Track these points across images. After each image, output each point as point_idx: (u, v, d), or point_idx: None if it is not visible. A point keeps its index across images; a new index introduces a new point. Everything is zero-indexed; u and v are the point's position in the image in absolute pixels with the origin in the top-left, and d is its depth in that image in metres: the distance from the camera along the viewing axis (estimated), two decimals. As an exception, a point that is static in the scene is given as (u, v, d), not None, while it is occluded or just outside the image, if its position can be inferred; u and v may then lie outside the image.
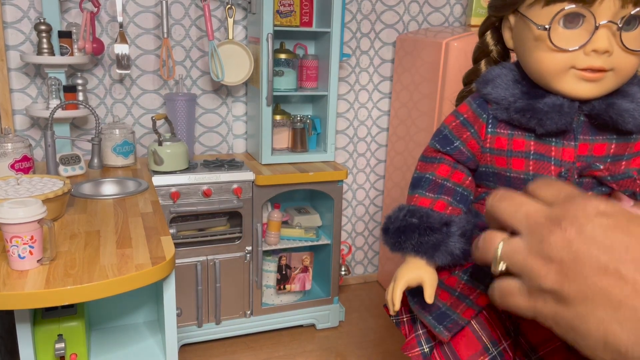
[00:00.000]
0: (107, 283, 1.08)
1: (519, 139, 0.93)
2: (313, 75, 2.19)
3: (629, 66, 0.87)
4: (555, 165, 0.92)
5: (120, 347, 1.42)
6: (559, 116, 0.88)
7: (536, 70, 0.90)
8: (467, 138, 0.98)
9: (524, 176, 0.94)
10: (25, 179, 1.45)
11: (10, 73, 1.98)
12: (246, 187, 1.99)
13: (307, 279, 2.22)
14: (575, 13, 0.83)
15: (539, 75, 0.91)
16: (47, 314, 1.26)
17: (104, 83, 2.11)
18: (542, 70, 0.89)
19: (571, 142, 0.91)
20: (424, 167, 1.04)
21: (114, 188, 1.79)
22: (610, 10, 0.82)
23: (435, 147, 1.03)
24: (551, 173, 0.92)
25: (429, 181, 1.02)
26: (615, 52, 0.84)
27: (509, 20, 0.95)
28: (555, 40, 0.84)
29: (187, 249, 1.98)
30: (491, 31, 1.04)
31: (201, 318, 2.06)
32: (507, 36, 0.97)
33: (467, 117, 0.99)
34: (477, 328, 0.95)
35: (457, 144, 0.99)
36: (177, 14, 2.13)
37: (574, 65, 0.86)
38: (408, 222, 0.97)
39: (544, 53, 0.87)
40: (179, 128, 2.07)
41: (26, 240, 1.10)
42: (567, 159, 0.91)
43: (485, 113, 0.96)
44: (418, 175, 1.05)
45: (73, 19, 1.99)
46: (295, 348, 2.14)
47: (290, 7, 2.11)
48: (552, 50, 0.86)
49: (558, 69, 0.87)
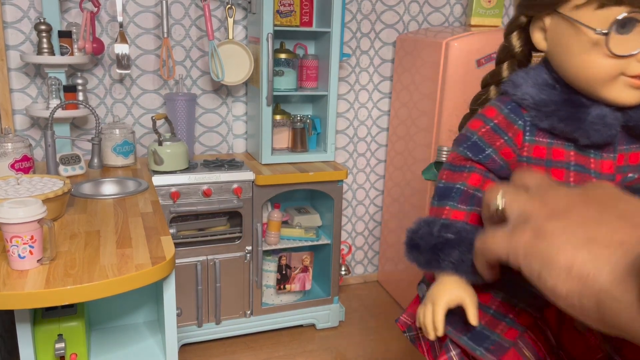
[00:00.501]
0: (107, 283, 1.08)
1: (558, 148, 0.89)
2: (313, 75, 2.19)
3: None
4: (595, 177, 0.88)
5: (120, 347, 1.42)
6: (604, 128, 0.85)
7: (583, 75, 0.86)
8: (500, 145, 0.92)
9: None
10: (25, 178, 1.45)
11: (11, 73, 1.98)
12: (246, 187, 1.99)
13: (307, 279, 2.22)
14: (630, 18, 0.79)
15: (585, 81, 0.87)
16: (47, 314, 1.26)
17: (104, 83, 2.11)
18: (591, 76, 0.85)
19: (610, 154, 0.88)
20: (452, 177, 0.97)
21: (114, 188, 1.79)
22: None
23: (465, 154, 0.95)
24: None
25: (460, 191, 0.95)
26: None
27: (543, 21, 0.90)
28: (611, 46, 0.80)
29: (187, 249, 1.98)
30: (518, 32, 0.98)
31: (201, 318, 2.06)
32: (537, 37, 0.92)
33: (499, 122, 0.93)
34: (522, 347, 0.91)
35: (489, 151, 0.93)
36: (177, 14, 2.13)
37: (624, 72, 0.83)
38: (444, 238, 0.91)
39: (597, 58, 0.83)
40: (179, 128, 2.07)
41: (26, 240, 1.10)
42: (606, 172, 0.88)
43: (521, 120, 0.91)
44: (445, 185, 0.97)
45: (73, 18, 1.99)
46: (295, 348, 2.14)
47: (290, 7, 2.11)
48: (606, 56, 0.82)
49: (609, 75, 0.83)
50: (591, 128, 0.85)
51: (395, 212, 2.50)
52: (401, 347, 2.17)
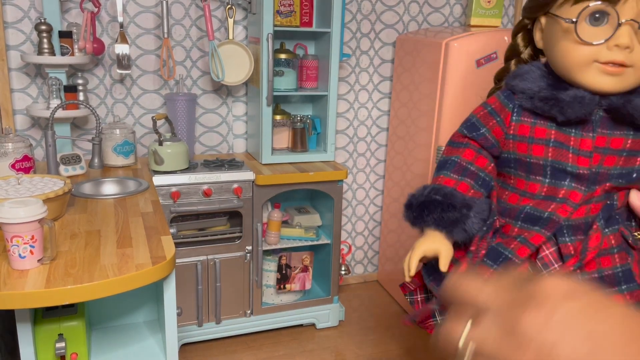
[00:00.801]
0: (107, 282, 1.08)
1: (541, 127, 1.01)
2: (313, 75, 2.19)
3: None
4: (572, 153, 0.98)
5: (121, 347, 1.42)
6: (579, 106, 0.95)
7: (562, 62, 0.98)
8: (492, 125, 1.07)
9: (543, 162, 1.01)
10: (26, 178, 1.46)
11: (11, 73, 1.98)
12: (246, 187, 1.99)
13: (307, 279, 2.22)
14: (601, 12, 0.91)
15: (563, 68, 0.99)
16: (47, 314, 1.26)
17: (104, 83, 2.11)
18: (567, 62, 0.97)
19: (589, 133, 0.98)
20: (451, 151, 1.12)
21: (114, 188, 1.79)
22: (632, 10, 0.90)
23: (463, 132, 1.11)
24: (568, 160, 0.99)
25: (455, 163, 1.10)
26: (636, 49, 0.92)
27: (541, 21, 1.03)
28: (581, 33, 0.92)
29: (187, 249, 1.99)
30: (523, 33, 1.12)
31: (201, 317, 2.06)
32: (537, 37, 1.06)
33: (495, 107, 1.07)
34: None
35: (483, 130, 1.08)
36: (178, 14, 2.13)
37: (597, 59, 0.94)
38: (432, 198, 1.06)
39: (570, 45, 0.95)
40: (179, 128, 2.08)
41: (27, 240, 1.10)
42: (584, 148, 0.98)
43: (512, 103, 1.04)
44: (444, 159, 1.13)
45: (73, 19, 1.99)
46: (295, 347, 2.14)
47: (290, 7, 2.11)
48: (577, 42, 0.94)
49: (582, 61, 0.95)
50: (567, 106, 0.95)
51: (395, 212, 2.50)
52: (401, 346, 2.18)
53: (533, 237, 1.00)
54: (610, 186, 1.00)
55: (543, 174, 1.02)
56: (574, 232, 1.00)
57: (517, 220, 1.05)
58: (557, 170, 1.01)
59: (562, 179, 1.01)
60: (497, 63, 2.04)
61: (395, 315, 2.41)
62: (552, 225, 1.00)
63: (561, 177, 1.01)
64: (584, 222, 1.01)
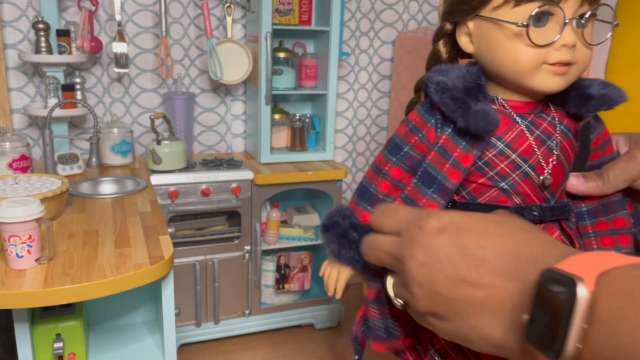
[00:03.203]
0: (105, 282, 1.07)
1: (445, 134, 0.98)
2: (312, 74, 2.18)
3: (586, 59, 0.96)
4: (450, 164, 0.96)
5: (119, 347, 1.41)
6: (482, 121, 0.93)
7: (510, 67, 0.95)
8: (415, 142, 1.01)
9: (422, 161, 1.00)
10: (24, 178, 1.45)
11: (8, 72, 1.97)
12: (245, 187, 1.99)
13: (306, 279, 2.22)
14: (543, 12, 0.90)
15: (513, 72, 0.96)
16: (45, 314, 1.25)
17: (102, 82, 2.10)
18: (517, 67, 0.94)
19: (475, 151, 0.95)
20: (371, 178, 1.08)
21: (112, 187, 1.78)
22: (572, 8, 0.90)
23: (386, 157, 1.05)
24: (443, 169, 0.97)
25: (372, 196, 1.07)
26: (578, 46, 0.93)
27: (467, 26, 0.99)
28: (532, 36, 0.90)
29: (185, 249, 1.98)
30: (444, 39, 1.07)
31: (200, 318, 2.06)
32: (464, 42, 1.01)
33: (415, 123, 1.02)
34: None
35: (407, 149, 1.03)
36: (176, 13, 2.12)
37: (546, 60, 0.92)
38: (349, 236, 1.06)
39: (521, 49, 0.93)
40: (178, 127, 2.07)
41: (24, 240, 1.09)
42: (463, 164, 0.95)
43: (433, 118, 0.99)
44: (365, 184, 1.09)
45: (71, 17, 1.98)
46: (295, 348, 2.13)
47: (289, 6, 2.10)
48: (528, 46, 0.92)
49: (532, 64, 0.93)
50: (472, 115, 0.93)
51: (394, 211, 2.49)
52: (400, 346, 2.17)
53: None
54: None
55: (416, 174, 1.01)
56: None
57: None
58: (427, 176, 0.99)
59: (428, 186, 1.00)
60: (496, 62, 2.03)
61: (395, 315, 2.41)
62: None
63: (428, 183, 1.00)
64: None
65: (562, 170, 1.02)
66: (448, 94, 0.96)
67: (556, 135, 1.01)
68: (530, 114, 1.02)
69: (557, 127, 1.02)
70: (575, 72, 0.96)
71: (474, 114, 0.93)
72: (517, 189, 1.00)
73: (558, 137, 1.01)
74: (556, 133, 1.02)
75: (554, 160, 1.00)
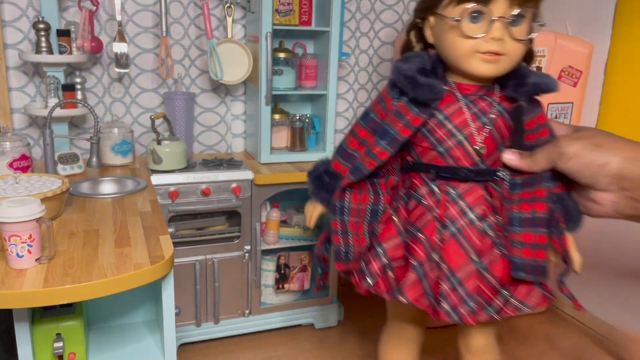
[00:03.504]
0: (105, 282, 1.08)
1: (401, 102, 1.26)
2: (312, 74, 2.19)
3: (516, 52, 1.21)
4: (403, 124, 1.24)
5: (119, 347, 1.42)
6: (428, 91, 1.20)
7: (450, 53, 1.22)
8: (378, 110, 1.33)
9: (380, 122, 1.31)
10: (24, 177, 1.45)
11: (9, 72, 1.97)
12: (245, 186, 1.99)
13: (305, 278, 2.22)
14: (478, 11, 1.16)
15: (452, 58, 1.23)
16: (45, 313, 1.26)
17: (102, 82, 2.11)
18: (455, 53, 1.21)
19: (424, 115, 1.23)
20: (346, 138, 1.41)
21: (112, 187, 1.78)
22: (501, 9, 1.16)
23: (358, 121, 1.39)
24: (397, 127, 1.25)
25: (343, 150, 1.40)
26: (507, 41, 1.18)
27: (430, 20, 1.26)
28: (464, 29, 1.17)
29: (185, 248, 1.98)
30: (414, 31, 1.34)
31: (200, 317, 2.06)
32: (428, 33, 1.29)
33: (382, 97, 1.32)
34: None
35: (372, 115, 1.35)
36: (176, 13, 2.13)
37: (478, 49, 1.18)
38: (322, 179, 1.40)
39: (456, 39, 1.20)
40: (178, 127, 2.07)
41: (24, 239, 1.09)
42: (413, 124, 1.23)
43: (394, 92, 1.28)
44: (341, 142, 1.42)
45: (72, 17, 1.99)
46: (294, 347, 2.14)
47: (289, 6, 2.11)
48: (462, 37, 1.19)
49: (467, 52, 1.19)
50: (419, 87, 1.20)
51: (394, 211, 2.50)
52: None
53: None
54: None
55: (376, 133, 1.29)
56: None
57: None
58: (383, 131, 1.26)
59: (382, 138, 1.27)
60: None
61: (394, 314, 2.41)
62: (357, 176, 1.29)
63: (383, 136, 1.27)
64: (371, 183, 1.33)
65: (494, 142, 1.27)
66: (402, 73, 1.23)
67: (492, 113, 1.26)
68: (474, 95, 1.27)
69: (495, 108, 1.27)
70: (505, 61, 1.21)
71: (421, 86, 1.21)
72: (451, 152, 1.27)
73: (494, 115, 1.26)
74: (492, 112, 1.26)
75: (487, 133, 1.26)
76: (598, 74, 2.24)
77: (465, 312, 1.23)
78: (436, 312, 1.25)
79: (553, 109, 2.17)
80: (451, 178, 1.29)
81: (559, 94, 2.15)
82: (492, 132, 1.26)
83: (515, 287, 1.27)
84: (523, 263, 1.24)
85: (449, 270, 1.24)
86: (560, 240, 1.25)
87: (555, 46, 2.09)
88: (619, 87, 2.17)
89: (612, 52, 2.19)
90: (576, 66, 2.15)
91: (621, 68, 2.16)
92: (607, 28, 2.20)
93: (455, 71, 1.26)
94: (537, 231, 1.24)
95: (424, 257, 1.25)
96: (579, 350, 2.18)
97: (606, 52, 2.21)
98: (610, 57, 2.20)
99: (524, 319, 2.40)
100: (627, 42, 2.13)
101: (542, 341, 2.25)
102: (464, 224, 1.27)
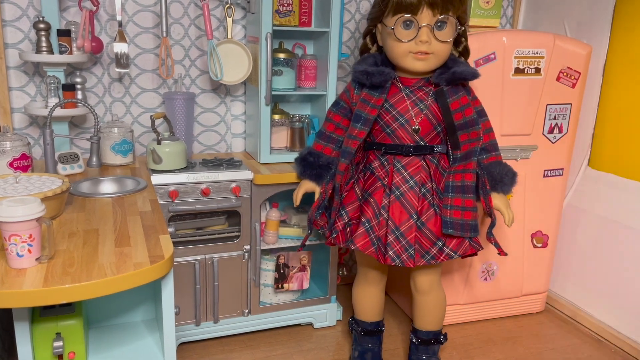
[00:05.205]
0: (105, 281, 1.08)
1: (364, 92, 1.68)
2: (312, 74, 2.19)
3: (442, 50, 1.61)
4: (369, 106, 1.65)
5: (119, 346, 1.42)
6: (379, 76, 1.62)
7: (391, 54, 1.65)
8: (344, 98, 1.79)
9: (355, 109, 1.70)
10: (24, 177, 1.46)
11: (9, 71, 1.98)
12: (244, 186, 2.00)
13: (305, 278, 2.23)
14: (409, 20, 1.57)
15: (392, 57, 1.65)
16: (45, 312, 1.26)
17: (102, 82, 2.11)
18: (394, 54, 1.63)
19: (383, 95, 1.65)
20: (324, 122, 1.85)
21: (112, 187, 1.79)
22: (427, 18, 1.56)
23: (331, 109, 1.84)
24: (365, 109, 1.65)
25: (322, 133, 1.84)
26: (433, 42, 1.58)
27: (378, 27, 1.68)
28: (398, 35, 1.59)
29: (185, 248, 1.99)
30: (370, 35, 1.74)
31: (199, 316, 2.06)
32: (378, 38, 1.71)
33: (347, 87, 1.77)
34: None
35: (342, 103, 1.80)
36: (176, 13, 2.13)
37: (410, 50, 1.60)
38: (307, 159, 1.82)
39: (394, 43, 1.61)
40: (178, 127, 2.07)
41: (25, 239, 1.10)
42: (377, 104, 1.64)
43: (355, 85, 1.73)
44: (320, 128, 1.86)
45: (72, 17, 1.99)
46: (293, 347, 2.14)
47: (289, 7, 2.11)
48: (396, 41, 1.60)
49: (402, 52, 1.61)
50: (371, 75, 1.63)
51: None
52: (398, 346, 2.18)
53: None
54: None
55: (350, 118, 1.72)
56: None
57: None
58: (356, 116, 1.66)
59: (357, 121, 1.66)
60: (495, 63, 2.04)
61: (393, 314, 2.42)
62: (349, 157, 1.67)
63: (357, 120, 1.65)
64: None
65: (429, 123, 1.67)
66: (357, 71, 1.67)
67: (427, 100, 1.66)
68: (414, 87, 1.67)
69: (430, 96, 1.66)
70: (434, 59, 1.61)
71: (373, 74, 1.63)
72: (396, 133, 1.68)
73: (429, 101, 1.66)
74: (428, 99, 1.66)
75: (423, 116, 1.66)
76: (596, 75, 2.25)
77: (406, 258, 1.64)
78: (384, 257, 1.65)
79: (552, 110, 2.18)
80: (397, 153, 1.69)
81: (557, 96, 2.17)
82: (427, 115, 1.66)
83: (450, 240, 1.65)
84: (452, 222, 1.62)
85: (394, 225, 1.65)
86: (487, 200, 1.67)
87: (554, 47, 2.10)
88: (617, 88, 2.17)
89: (611, 54, 2.20)
90: (575, 67, 2.15)
91: (619, 69, 2.16)
92: (606, 30, 2.20)
93: (398, 68, 1.67)
94: (465, 197, 1.62)
95: (372, 215, 1.67)
96: (577, 350, 2.19)
97: (604, 54, 2.22)
98: (608, 59, 2.21)
99: (524, 319, 2.41)
100: (625, 43, 2.13)
101: (541, 341, 2.25)
102: (405, 189, 1.67)
